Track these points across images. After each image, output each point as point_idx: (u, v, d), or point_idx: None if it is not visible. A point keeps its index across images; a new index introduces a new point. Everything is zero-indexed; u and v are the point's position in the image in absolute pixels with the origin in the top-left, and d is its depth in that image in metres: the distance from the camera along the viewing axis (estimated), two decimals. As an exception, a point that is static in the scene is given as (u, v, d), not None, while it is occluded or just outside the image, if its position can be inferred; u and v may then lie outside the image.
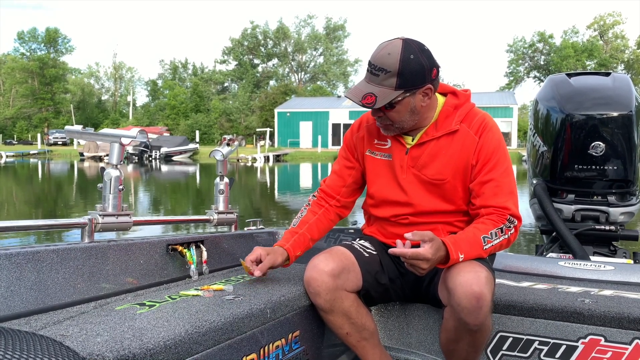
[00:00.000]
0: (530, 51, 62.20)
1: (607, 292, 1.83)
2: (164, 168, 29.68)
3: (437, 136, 1.71)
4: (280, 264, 1.75)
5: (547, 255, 2.52)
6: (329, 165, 27.49)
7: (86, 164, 32.50)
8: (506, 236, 1.62)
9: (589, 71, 2.77)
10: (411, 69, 1.57)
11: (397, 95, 1.59)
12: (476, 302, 1.45)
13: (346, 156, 1.90)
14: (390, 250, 1.50)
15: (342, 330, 1.71)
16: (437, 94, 1.75)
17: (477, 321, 1.48)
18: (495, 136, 1.70)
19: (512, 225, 1.63)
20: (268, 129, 47.79)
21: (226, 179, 2.30)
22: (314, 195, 1.92)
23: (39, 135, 52.12)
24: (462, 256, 1.53)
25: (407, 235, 1.47)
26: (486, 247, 1.58)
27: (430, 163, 1.72)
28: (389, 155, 1.79)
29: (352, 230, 2.49)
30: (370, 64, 1.61)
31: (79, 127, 1.81)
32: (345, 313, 1.68)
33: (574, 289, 1.89)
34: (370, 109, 1.65)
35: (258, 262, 1.72)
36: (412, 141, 1.74)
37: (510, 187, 1.68)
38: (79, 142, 39.95)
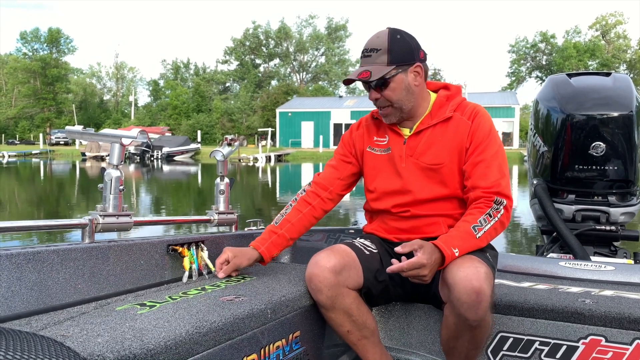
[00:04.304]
0: (532, 51, 62.15)
1: (608, 293, 1.83)
2: (166, 168, 29.70)
3: (432, 124, 1.79)
4: (248, 266, 1.84)
5: (548, 256, 2.52)
6: (331, 165, 27.36)
7: (88, 164, 32.54)
8: (496, 219, 1.65)
9: (589, 71, 2.76)
10: (400, 45, 1.72)
11: (389, 70, 1.70)
12: (475, 297, 1.47)
13: (343, 153, 1.96)
14: (389, 269, 1.56)
15: (342, 328, 1.72)
16: (429, 91, 1.85)
17: (476, 316, 1.49)
18: (487, 121, 1.79)
19: (500, 207, 1.66)
20: (270, 129, 47.86)
21: (227, 179, 2.30)
22: (303, 190, 1.94)
23: (41, 135, 52.19)
24: (457, 250, 1.56)
25: (397, 249, 1.54)
26: (479, 235, 1.61)
27: (427, 150, 1.78)
28: (387, 149, 1.85)
29: (353, 231, 2.49)
30: (362, 51, 1.76)
31: (79, 128, 1.80)
32: (347, 310, 1.69)
33: (574, 289, 1.89)
34: (366, 82, 1.74)
35: (227, 263, 1.80)
36: (410, 132, 1.82)
37: (500, 167, 1.72)
38: (80, 142, 40.02)
